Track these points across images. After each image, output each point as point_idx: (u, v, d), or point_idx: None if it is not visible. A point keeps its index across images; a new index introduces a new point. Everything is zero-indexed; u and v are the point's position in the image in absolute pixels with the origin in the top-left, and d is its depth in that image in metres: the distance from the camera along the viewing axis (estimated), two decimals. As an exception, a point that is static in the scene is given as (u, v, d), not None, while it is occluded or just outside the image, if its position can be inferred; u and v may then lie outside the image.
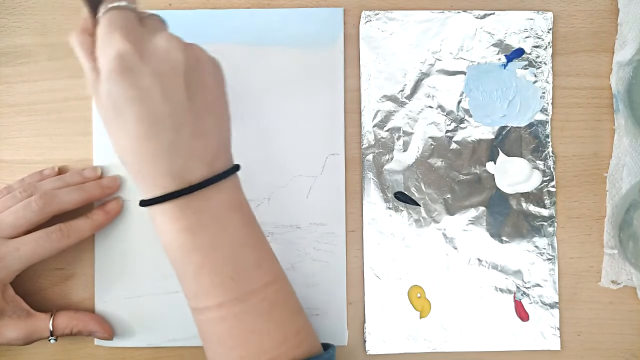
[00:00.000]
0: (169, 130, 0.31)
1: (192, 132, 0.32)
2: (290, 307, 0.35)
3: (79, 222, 0.41)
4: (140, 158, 0.32)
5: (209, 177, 0.33)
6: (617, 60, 0.45)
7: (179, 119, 0.32)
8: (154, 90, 0.31)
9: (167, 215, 0.33)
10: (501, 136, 0.45)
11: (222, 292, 0.33)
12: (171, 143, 0.32)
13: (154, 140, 0.31)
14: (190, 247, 0.33)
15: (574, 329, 0.45)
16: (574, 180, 0.46)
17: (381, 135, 0.45)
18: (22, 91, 0.45)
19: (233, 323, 0.33)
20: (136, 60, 0.31)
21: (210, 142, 0.33)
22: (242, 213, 0.35)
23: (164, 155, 0.32)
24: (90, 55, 0.32)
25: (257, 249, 0.35)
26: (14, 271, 0.39)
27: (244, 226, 0.34)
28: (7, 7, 0.45)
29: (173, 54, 0.31)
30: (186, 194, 0.32)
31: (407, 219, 0.45)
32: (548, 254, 0.45)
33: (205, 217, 0.33)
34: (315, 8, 0.45)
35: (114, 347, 0.44)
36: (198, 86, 0.32)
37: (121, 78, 0.31)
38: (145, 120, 0.31)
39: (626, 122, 0.45)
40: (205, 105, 0.33)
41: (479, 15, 0.46)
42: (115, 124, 0.32)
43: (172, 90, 0.31)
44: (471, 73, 0.45)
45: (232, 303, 0.33)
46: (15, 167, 0.45)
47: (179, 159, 0.32)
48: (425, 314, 0.45)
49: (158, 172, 0.32)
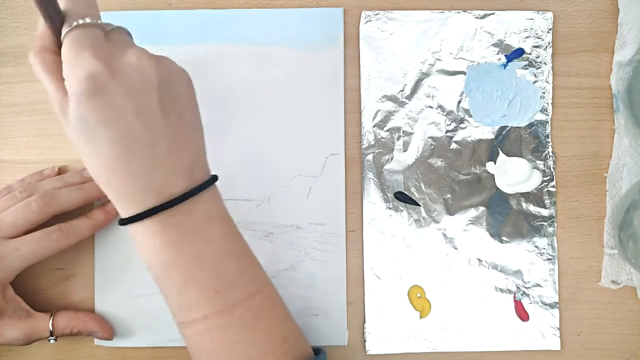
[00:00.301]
0: (145, 147, 0.31)
1: (168, 146, 0.31)
2: (277, 315, 0.35)
3: (79, 222, 0.41)
4: (117, 178, 0.31)
5: (188, 190, 0.32)
6: (617, 60, 0.45)
7: (154, 135, 0.31)
8: (128, 110, 0.30)
9: (147, 232, 0.32)
10: (501, 136, 0.45)
11: (207, 305, 0.33)
12: (148, 160, 0.31)
13: (130, 158, 0.31)
14: (172, 262, 0.32)
15: (574, 329, 0.45)
16: (574, 180, 0.46)
17: (381, 135, 0.45)
18: (22, 91, 0.45)
19: (219, 335, 0.33)
20: (108, 80, 0.30)
21: (187, 155, 0.32)
22: (223, 224, 0.34)
23: (142, 173, 0.31)
24: (53, 75, 0.31)
25: (240, 259, 0.35)
26: (14, 271, 0.39)
27: (226, 237, 0.34)
28: (7, 7, 0.45)
29: (145, 71, 0.31)
30: (166, 208, 0.32)
31: (407, 219, 0.45)
32: (548, 254, 0.45)
33: (186, 230, 0.32)
34: (315, 8, 0.45)
35: (114, 347, 0.44)
36: (171, 100, 0.32)
37: (93, 100, 0.29)
38: (119, 140, 0.30)
39: (626, 122, 0.45)
40: (178, 118, 0.32)
41: (479, 15, 0.46)
42: (87, 146, 0.31)
43: (146, 107, 0.31)
44: (471, 73, 0.45)
45: (217, 315, 0.33)
46: (15, 167, 0.45)
47: (157, 174, 0.31)
48: (425, 314, 0.45)
49: (136, 190, 0.31)
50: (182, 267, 0.33)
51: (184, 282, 0.33)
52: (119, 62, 0.30)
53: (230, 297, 0.33)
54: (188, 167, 0.32)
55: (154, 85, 0.31)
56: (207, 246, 0.33)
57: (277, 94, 0.45)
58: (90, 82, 0.29)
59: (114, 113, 0.30)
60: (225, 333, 0.33)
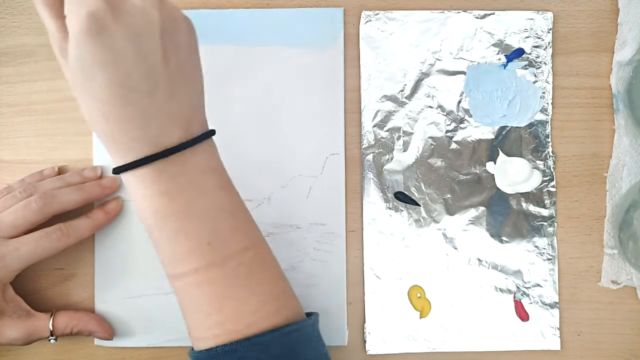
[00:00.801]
0: (144, 93, 0.30)
1: (167, 94, 0.31)
2: (269, 273, 0.35)
3: (79, 222, 0.41)
4: (113, 124, 0.30)
5: (185, 141, 0.32)
6: (617, 60, 0.45)
7: (153, 81, 0.30)
8: (128, 52, 0.29)
9: (142, 181, 0.31)
10: (501, 136, 0.45)
11: (198, 257, 0.32)
12: (145, 107, 0.30)
13: (127, 105, 0.30)
14: (165, 212, 0.32)
15: (574, 329, 0.45)
16: (574, 180, 0.46)
17: (381, 135, 0.45)
18: (22, 91, 0.45)
19: (209, 288, 0.32)
20: (109, 20, 0.28)
21: (185, 105, 0.32)
22: (218, 177, 0.34)
23: (138, 120, 0.30)
24: (55, 13, 0.29)
25: (234, 213, 0.34)
26: (14, 271, 0.39)
27: (220, 190, 0.34)
28: (7, 7, 0.45)
29: (148, 13, 0.29)
30: (162, 157, 0.31)
31: (407, 219, 0.45)
32: (548, 254, 0.45)
33: (181, 181, 0.32)
34: (315, 8, 0.45)
35: (114, 347, 0.44)
36: (173, 47, 0.31)
37: (92, 40, 0.28)
38: (118, 84, 0.29)
39: (626, 122, 0.45)
40: (179, 67, 0.31)
41: (479, 15, 0.46)
42: (84, 88, 0.30)
43: (147, 52, 0.30)
44: (471, 73, 0.45)
45: (208, 268, 0.32)
46: (15, 167, 0.45)
47: (154, 122, 0.31)
48: (425, 314, 0.45)
49: (132, 137, 0.31)
50: (174, 218, 0.32)
51: (176, 233, 0.32)
52: (122, 2, 0.29)
53: (222, 250, 0.33)
54: (185, 118, 0.32)
55: (157, 29, 0.30)
56: (201, 198, 0.32)
57: (277, 94, 0.45)
58: (91, 20, 0.28)
59: (113, 55, 0.29)
60: (215, 287, 0.32)
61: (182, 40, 0.32)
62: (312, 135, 0.45)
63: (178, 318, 0.44)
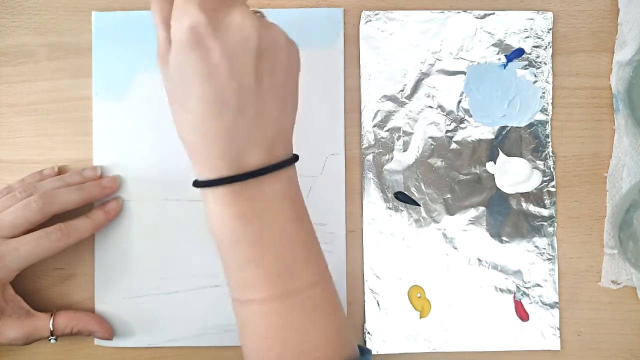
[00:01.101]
0: (232, 110, 0.30)
1: (254, 115, 0.31)
2: (334, 308, 0.34)
3: (79, 222, 0.41)
4: (199, 137, 0.31)
5: (266, 165, 0.32)
6: (617, 60, 0.45)
7: (243, 99, 0.30)
8: (222, 68, 0.30)
9: (219, 199, 0.32)
10: (501, 136, 0.45)
11: (267, 288, 0.32)
12: (232, 124, 0.30)
13: (216, 119, 0.30)
14: (239, 237, 0.32)
15: (574, 329, 0.45)
16: (574, 180, 0.46)
17: (381, 135, 0.45)
18: (22, 91, 0.45)
19: (275, 319, 0.32)
20: (208, 34, 0.29)
21: (271, 128, 0.32)
22: (295, 206, 0.33)
23: (224, 136, 0.31)
24: (166, 24, 0.31)
25: (307, 246, 0.34)
26: (14, 271, 0.39)
27: (295, 220, 0.33)
28: (7, 7, 0.45)
29: (246, 32, 0.30)
30: (241, 180, 0.31)
31: (407, 219, 0.45)
32: (548, 254, 0.45)
33: (257, 206, 0.32)
34: (315, 8, 0.45)
35: (114, 347, 0.44)
36: (268, 68, 0.31)
37: (191, 51, 0.29)
38: (209, 97, 0.30)
39: (626, 122, 0.45)
40: (272, 89, 0.31)
41: (479, 15, 0.46)
42: (178, 98, 0.31)
43: (240, 70, 0.30)
44: (471, 73, 0.45)
45: (276, 299, 0.32)
46: (15, 167, 0.45)
47: (238, 141, 0.31)
48: (425, 314, 0.45)
49: (215, 154, 0.31)
50: (247, 244, 0.32)
51: (247, 260, 0.32)
52: (222, 18, 0.30)
53: (291, 283, 0.32)
54: (269, 142, 0.32)
55: (252, 48, 0.30)
56: (275, 226, 0.32)
57: (277, 94, 0.45)
58: (191, 32, 0.29)
59: (208, 69, 0.30)
60: (281, 319, 0.32)
61: (280, 62, 0.32)
62: (312, 135, 0.45)
63: (178, 318, 0.44)
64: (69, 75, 0.45)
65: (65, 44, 0.45)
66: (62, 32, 0.45)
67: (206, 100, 0.30)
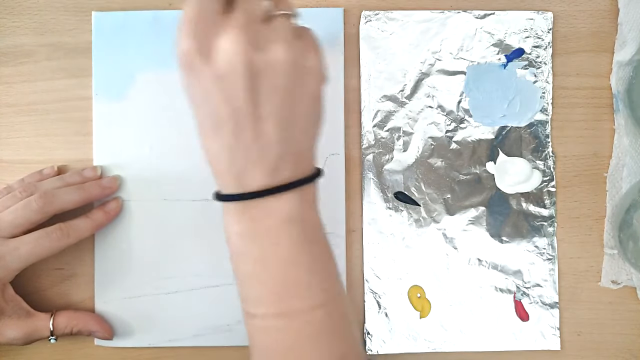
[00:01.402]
0: (228, 132, 0.30)
1: (252, 138, 0.30)
2: (339, 332, 0.33)
3: (78, 222, 0.41)
4: (205, 152, 0.32)
5: (268, 187, 0.31)
6: (617, 60, 0.45)
7: (238, 123, 0.30)
8: (214, 92, 0.30)
9: (228, 214, 0.32)
10: (501, 136, 0.45)
11: (267, 304, 0.32)
12: (230, 145, 0.31)
13: (216, 138, 0.31)
14: (242, 252, 0.32)
15: (574, 329, 0.45)
16: (574, 180, 0.46)
17: (381, 135, 0.45)
18: (22, 91, 0.45)
19: (276, 336, 0.32)
20: (197, 60, 0.29)
21: (273, 150, 0.31)
22: (302, 228, 0.32)
23: (224, 156, 0.31)
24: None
25: (311, 269, 0.33)
26: (14, 270, 0.39)
27: (301, 243, 0.32)
28: (7, 7, 0.45)
29: (233, 58, 0.29)
30: (242, 199, 0.31)
31: (407, 219, 0.45)
32: (548, 254, 0.45)
33: (260, 226, 0.32)
34: (315, 8, 0.45)
35: (114, 347, 0.44)
36: (267, 91, 0.30)
37: (186, 74, 0.30)
38: (207, 118, 0.31)
39: (626, 122, 0.45)
40: (273, 111, 0.30)
41: (479, 15, 0.46)
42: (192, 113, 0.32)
43: (233, 94, 0.30)
44: (471, 73, 0.45)
45: (276, 317, 0.32)
46: (15, 167, 0.45)
47: (238, 162, 0.31)
48: (425, 314, 0.45)
49: (219, 170, 0.32)
50: (250, 260, 0.32)
51: (249, 276, 0.32)
52: (213, 43, 0.29)
53: (290, 304, 0.32)
54: (271, 164, 0.31)
55: (241, 74, 0.29)
56: (277, 248, 0.32)
57: (277, 94, 0.45)
58: (183, 58, 0.30)
59: (202, 93, 0.30)
60: (282, 336, 0.32)
61: (281, 84, 0.30)
62: (312, 135, 0.45)
63: (178, 318, 0.44)
64: (68, 75, 0.45)
65: (65, 44, 0.45)
66: (62, 32, 0.45)
67: (206, 120, 0.31)
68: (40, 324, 0.41)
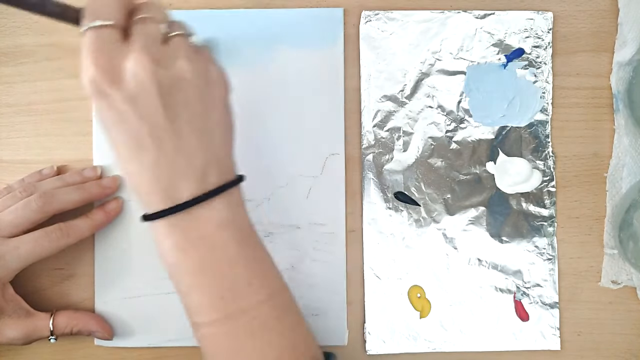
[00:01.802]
0: (150, 150, 0.31)
1: (174, 150, 0.32)
2: (287, 323, 0.35)
3: (78, 222, 0.41)
4: (129, 177, 0.33)
5: (197, 196, 0.32)
6: (617, 60, 0.45)
7: (158, 138, 0.31)
8: (129, 113, 0.31)
9: (158, 233, 0.33)
10: (501, 136, 0.45)
11: (212, 311, 0.33)
12: (153, 162, 0.31)
13: (137, 160, 0.32)
14: (180, 267, 0.33)
15: (574, 329, 0.45)
16: (574, 180, 0.46)
17: (381, 135, 0.45)
18: (22, 91, 0.45)
19: (225, 341, 0.33)
20: (106, 86, 0.30)
21: (198, 158, 0.32)
22: (234, 230, 0.34)
23: (147, 175, 0.32)
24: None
25: (250, 267, 0.34)
26: (14, 270, 0.39)
27: (237, 244, 0.33)
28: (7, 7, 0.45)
29: (141, 77, 0.30)
30: (172, 213, 0.32)
31: (407, 219, 0.45)
32: (548, 254, 0.45)
33: (193, 235, 0.32)
34: (315, 8, 0.45)
35: (114, 347, 0.44)
36: (181, 103, 0.32)
37: (97, 101, 0.31)
38: (125, 140, 0.31)
39: (626, 122, 0.45)
40: (191, 122, 0.32)
41: (479, 15, 0.46)
42: (107, 140, 0.32)
43: (147, 112, 0.31)
44: (471, 73, 0.45)
45: (222, 321, 0.33)
46: (15, 167, 0.45)
47: (164, 178, 0.32)
48: (425, 314, 0.45)
49: (145, 191, 0.32)
50: (188, 272, 0.33)
51: (190, 288, 0.33)
52: (118, 68, 0.31)
53: (236, 304, 0.33)
54: (198, 172, 0.32)
55: (153, 91, 0.31)
56: (213, 253, 0.33)
57: (277, 94, 0.45)
58: (91, 85, 0.31)
59: (118, 116, 0.31)
60: (230, 340, 0.33)
61: (192, 96, 0.32)
62: (312, 135, 0.45)
63: (178, 318, 0.44)
64: (68, 75, 0.45)
65: (65, 44, 0.45)
66: (62, 32, 0.45)
67: (124, 143, 0.31)
68: (40, 324, 0.41)
